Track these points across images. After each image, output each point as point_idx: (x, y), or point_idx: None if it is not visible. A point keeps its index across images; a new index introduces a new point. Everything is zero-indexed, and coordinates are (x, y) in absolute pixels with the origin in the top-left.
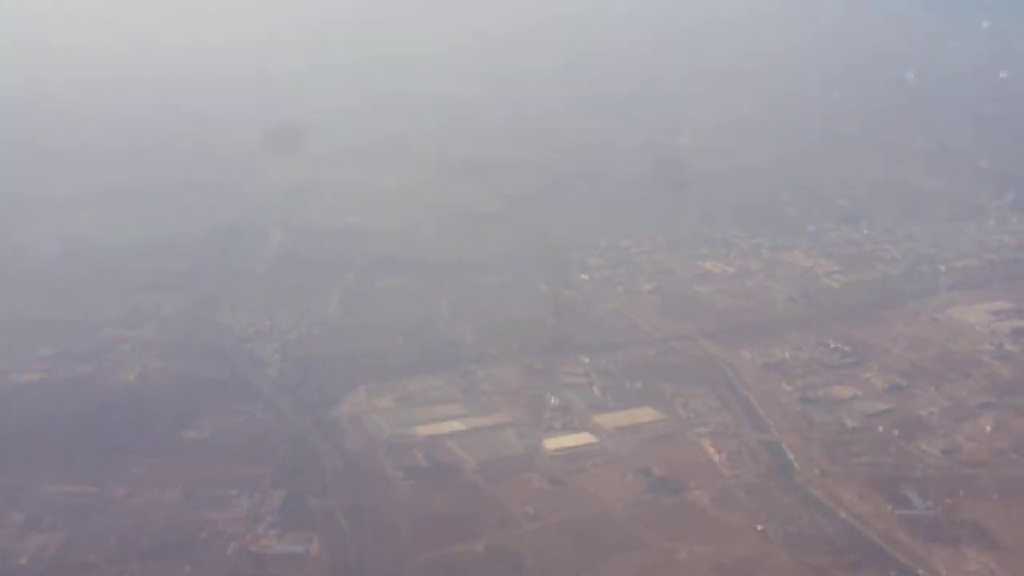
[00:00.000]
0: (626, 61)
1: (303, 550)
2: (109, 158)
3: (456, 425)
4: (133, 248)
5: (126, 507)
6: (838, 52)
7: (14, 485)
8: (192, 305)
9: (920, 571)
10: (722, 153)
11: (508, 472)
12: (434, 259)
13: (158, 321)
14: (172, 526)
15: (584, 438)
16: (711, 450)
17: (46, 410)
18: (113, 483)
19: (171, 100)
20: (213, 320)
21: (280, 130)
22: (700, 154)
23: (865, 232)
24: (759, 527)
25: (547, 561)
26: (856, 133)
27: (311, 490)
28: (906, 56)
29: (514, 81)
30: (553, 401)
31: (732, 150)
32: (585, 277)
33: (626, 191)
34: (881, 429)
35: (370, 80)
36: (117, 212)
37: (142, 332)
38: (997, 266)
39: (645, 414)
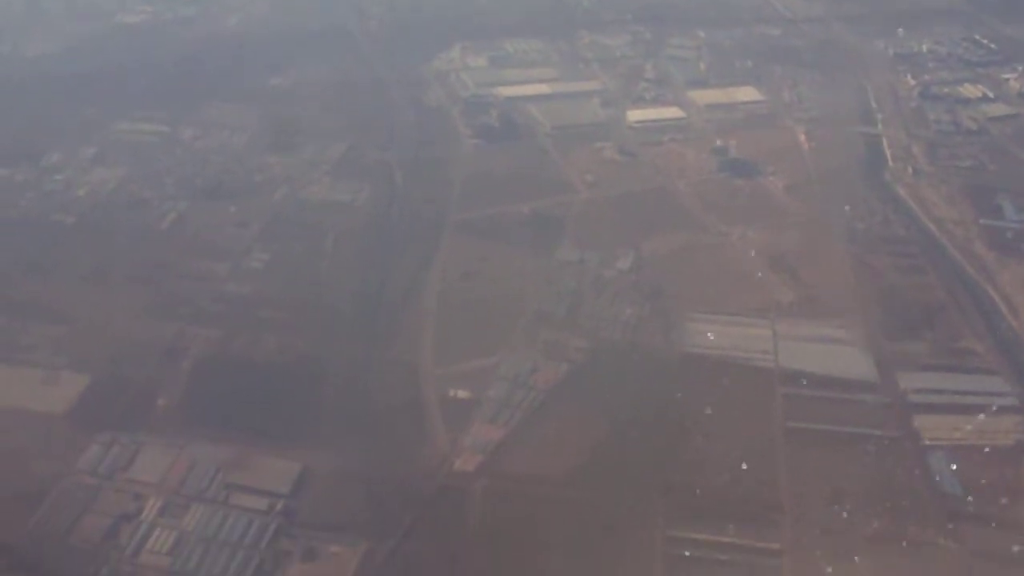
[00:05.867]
0: None
1: (349, 199)
2: None
3: (542, 88)
4: None
5: (192, 148)
6: None
7: (93, 121)
8: None
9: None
10: None
11: (580, 139)
12: None
13: None
14: (230, 169)
15: (671, 112)
16: (802, 137)
17: (142, 52)
18: (186, 124)
19: None
20: None
21: None
22: None
23: None
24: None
25: (587, 230)
26: None
27: (376, 143)
28: None
29: None
30: (650, 72)
31: None
32: None
33: None
34: (998, 133)
35: None
36: None
37: None
38: None
39: (744, 93)
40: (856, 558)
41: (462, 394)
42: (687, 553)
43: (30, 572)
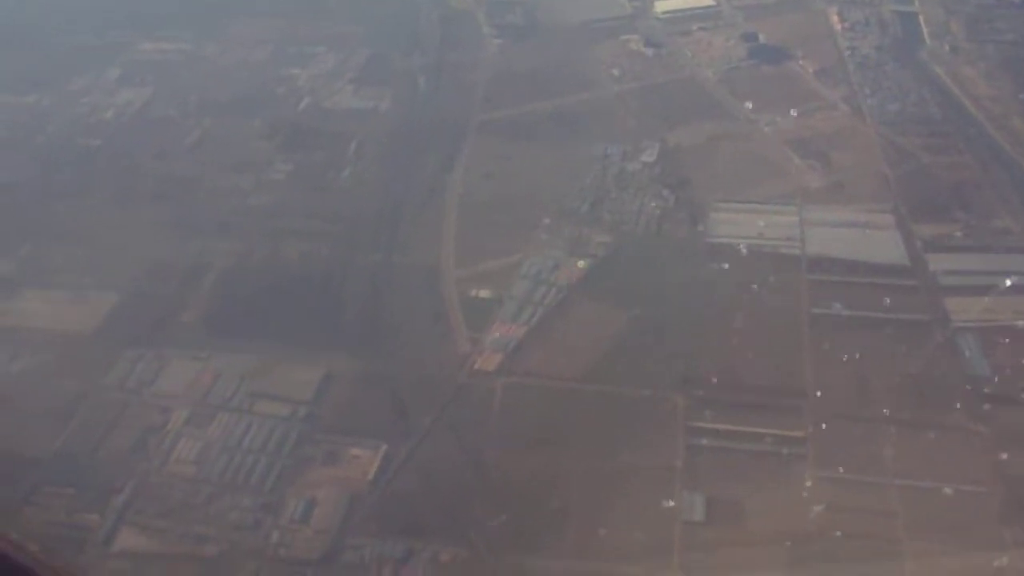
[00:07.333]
0: None
1: (372, 106)
2: None
3: None
4: None
5: (215, 64)
6: None
7: (118, 43)
8: None
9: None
10: None
11: (607, 33)
12: None
13: None
14: (253, 82)
15: (700, 0)
16: (835, 19)
17: None
18: (209, 40)
19: None
20: None
21: None
22: None
23: None
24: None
25: (612, 124)
26: None
27: (399, 48)
28: None
29: None
30: None
31: None
32: None
33: None
34: None
35: None
36: None
37: None
38: None
39: None
40: (883, 443)
41: (484, 293)
42: (708, 442)
43: (60, 486)
